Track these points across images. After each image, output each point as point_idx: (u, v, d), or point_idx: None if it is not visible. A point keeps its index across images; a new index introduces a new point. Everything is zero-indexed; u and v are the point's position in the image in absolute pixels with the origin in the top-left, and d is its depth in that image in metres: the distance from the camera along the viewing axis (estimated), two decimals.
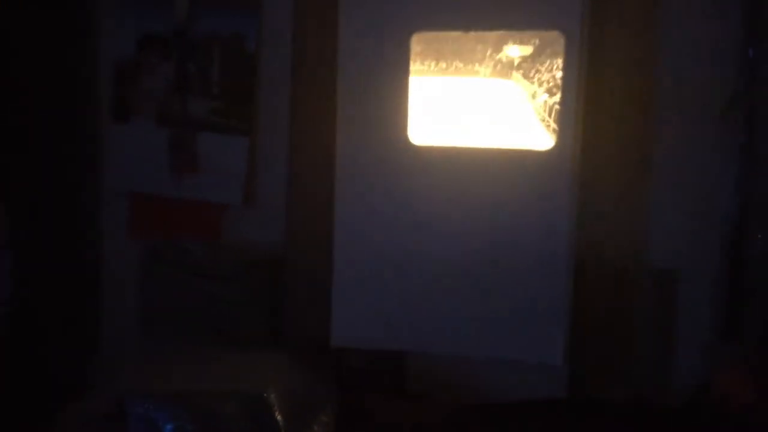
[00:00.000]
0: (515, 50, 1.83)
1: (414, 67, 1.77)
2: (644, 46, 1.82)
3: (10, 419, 1.82)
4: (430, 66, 1.83)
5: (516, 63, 1.83)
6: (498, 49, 1.83)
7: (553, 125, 1.75)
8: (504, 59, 1.83)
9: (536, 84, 1.81)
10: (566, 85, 1.73)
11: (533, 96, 1.81)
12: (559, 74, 1.75)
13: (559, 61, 1.74)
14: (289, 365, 1.82)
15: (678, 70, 1.82)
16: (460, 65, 1.83)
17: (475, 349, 1.79)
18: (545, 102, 1.80)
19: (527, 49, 1.79)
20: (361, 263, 1.84)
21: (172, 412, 1.46)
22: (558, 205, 1.74)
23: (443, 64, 1.83)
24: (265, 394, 1.50)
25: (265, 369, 1.80)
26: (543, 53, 1.80)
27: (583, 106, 1.75)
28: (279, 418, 1.48)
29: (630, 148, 1.85)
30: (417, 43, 1.78)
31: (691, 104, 1.83)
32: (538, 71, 1.81)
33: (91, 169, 2.26)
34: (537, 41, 1.78)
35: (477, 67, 1.82)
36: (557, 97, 1.75)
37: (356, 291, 1.84)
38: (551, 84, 1.78)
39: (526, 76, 1.82)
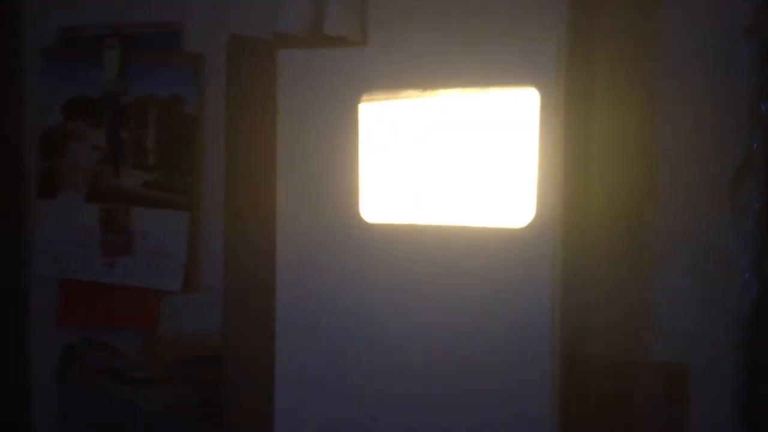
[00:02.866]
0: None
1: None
2: (639, 102, 1.61)
3: None
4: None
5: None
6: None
7: (532, 194, 1.46)
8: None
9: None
10: (545, 149, 1.45)
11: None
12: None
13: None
14: None
15: (680, 129, 1.60)
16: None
17: None
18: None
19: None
20: (308, 364, 1.57)
21: None
22: (539, 293, 1.47)
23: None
24: None
25: None
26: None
27: (567, 172, 1.47)
28: None
29: (626, 222, 1.62)
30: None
31: (697, 168, 1.60)
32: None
33: (16, 252, 2.00)
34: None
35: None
36: (536, 162, 1.46)
37: (302, 398, 1.56)
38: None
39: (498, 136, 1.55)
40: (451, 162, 1.54)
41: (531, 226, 1.46)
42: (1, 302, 2.01)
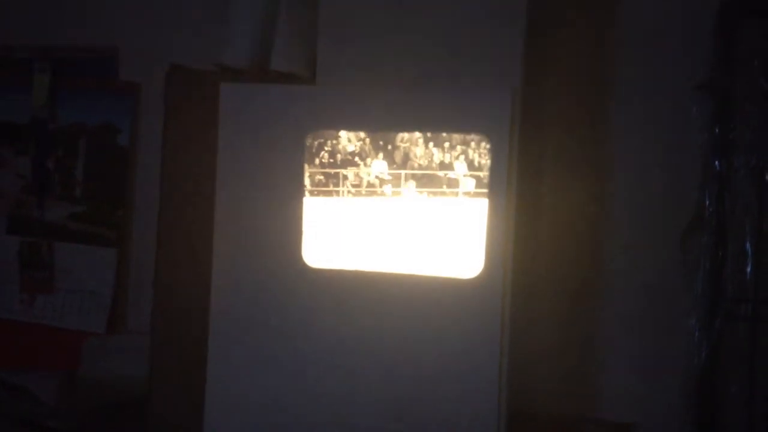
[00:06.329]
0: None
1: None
2: (591, 157, 1.59)
3: None
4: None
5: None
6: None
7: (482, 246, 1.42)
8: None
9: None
10: (494, 200, 1.40)
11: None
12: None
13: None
14: None
15: (632, 184, 1.58)
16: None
17: None
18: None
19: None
20: (241, 418, 1.47)
21: None
22: (487, 345, 1.41)
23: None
24: None
25: None
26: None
27: (517, 226, 1.43)
28: None
29: (574, 278, 1.58)
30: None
31: (648, 225, 1.57)
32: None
33: None
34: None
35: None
36: (486, 213, 1.42)
37: None
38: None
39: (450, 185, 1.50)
40: (401, 210, 1.48)
41: (480, 278, 1.42)
42: None
